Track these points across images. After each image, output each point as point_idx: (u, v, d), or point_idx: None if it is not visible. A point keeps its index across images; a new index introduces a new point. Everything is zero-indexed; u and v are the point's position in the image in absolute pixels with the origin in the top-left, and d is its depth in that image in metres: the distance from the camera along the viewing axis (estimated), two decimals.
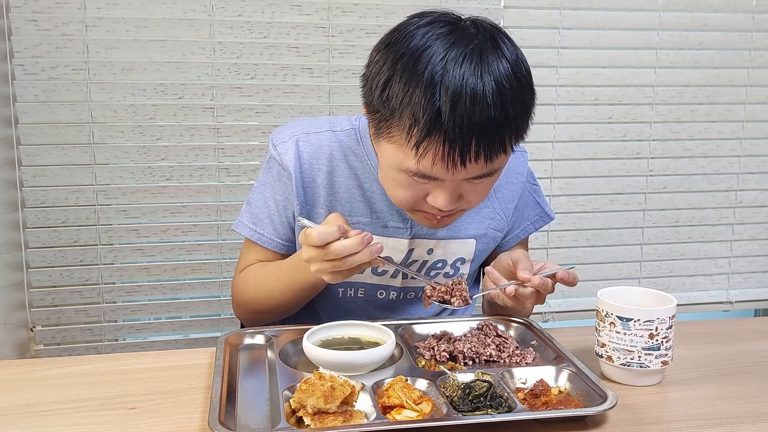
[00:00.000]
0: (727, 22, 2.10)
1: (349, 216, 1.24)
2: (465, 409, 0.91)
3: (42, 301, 1.84)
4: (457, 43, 0.99)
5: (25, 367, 1.11)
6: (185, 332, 1.95)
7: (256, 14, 1.84)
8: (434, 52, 0.98)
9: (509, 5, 1.97)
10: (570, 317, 2.13)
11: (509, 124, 1.00)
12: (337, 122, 1.27)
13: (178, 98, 1.83)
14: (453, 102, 0.96)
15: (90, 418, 0.92)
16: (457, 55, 0.97)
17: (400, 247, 1.25)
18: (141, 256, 1.89)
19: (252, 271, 1.29)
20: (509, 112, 0.99)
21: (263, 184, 1.28)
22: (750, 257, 2.27)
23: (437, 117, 0.96)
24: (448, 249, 1.28)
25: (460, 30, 1.01)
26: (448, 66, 0.97)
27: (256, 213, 1.28)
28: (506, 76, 0.99)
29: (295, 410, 0.89)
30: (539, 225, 1.37)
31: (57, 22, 1.74)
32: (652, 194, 2.16)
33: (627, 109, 2.10)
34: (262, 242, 1.28)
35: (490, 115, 0.97)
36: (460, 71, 0.96)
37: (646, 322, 1.00)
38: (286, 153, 1.23)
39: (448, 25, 1.02)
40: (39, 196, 1.80)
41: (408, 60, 0.99)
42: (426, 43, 0.99)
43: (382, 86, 1.02)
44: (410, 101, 0.98)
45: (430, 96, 0.96)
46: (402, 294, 1.30)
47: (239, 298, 1.30)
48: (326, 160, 1.23)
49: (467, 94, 0.96)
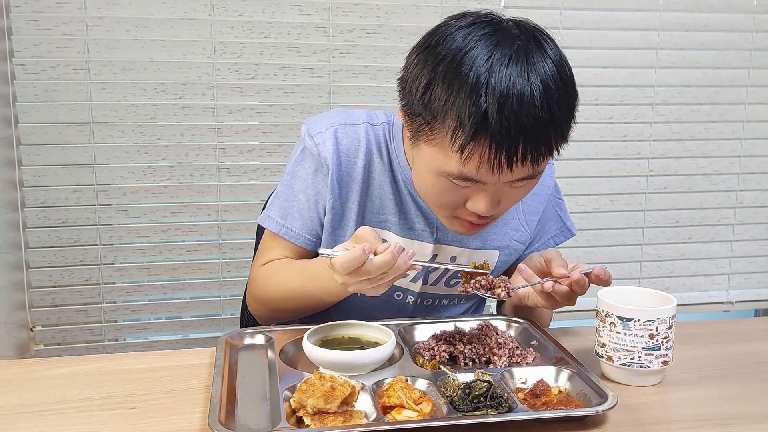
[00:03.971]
0: (728, 22, 2.10)
1: (377, 214, 1.21)
2: (465, 409, 0.91)
3: (42, 301, 1.84)
4: (501, 44, 0.97)
5: (25, 367, 1.11)
6: (185, 332, 1.95)
7: (256, 14, 1.84)
8: (478, 54, 0.96)
9: (509, 5, 1.97)
10: (570, 317, 2.13)
11: (555, 126, 0.99)
12: (374, 115, 1.24)
13: (178, 98, 1.83)
14: (500, 104, 0.94)
15: (90, 418, 0.92)
16: (502, 56, 0.96)
17: (425, 251, 1.22)
18: (141, 256, 1.89)
19: (275, 267, 1.23)
20: (555, 113, 0.98)
21: (293, 176, 1.22)
22: (750, 257, 2.27)
23: (484, 119, 0.95)
24: (471, 259, 1.25)
25: (503, 31, 0.99)
26: (494, 67, 0.95)
27: (285, 207, 1.23)
28: (552, 76, 0.98)
29: (295, 410, 0.89)
30: (560, 240, 1.33)
31: (57, 21, 1.74)
32: (653, 194, 2.16)
33: (627, 109, 2.10)
34: (289, 237, 1.22)
35: (537, 117, 0.96)
36: (507, 72, 0.95)
37: (646, 322, 1.00)
38: (324, 144, 1.18)
39: (490, 25, 1.00)
40: (39, 196, 1.80)
41: (450, 62, 0.97)
42: (469, 44, 0.97)
43: (423, 89, 0.99)
44: (454, 104, 0.96)
45: (476, 98, 0.95)
46: (419, 300, 1.27)
47: (259, 293, 1.25)
48: (363, 154, 1.19)
49: (514, 95, 0.95)
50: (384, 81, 1.92)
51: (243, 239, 1.92)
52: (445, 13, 1.92)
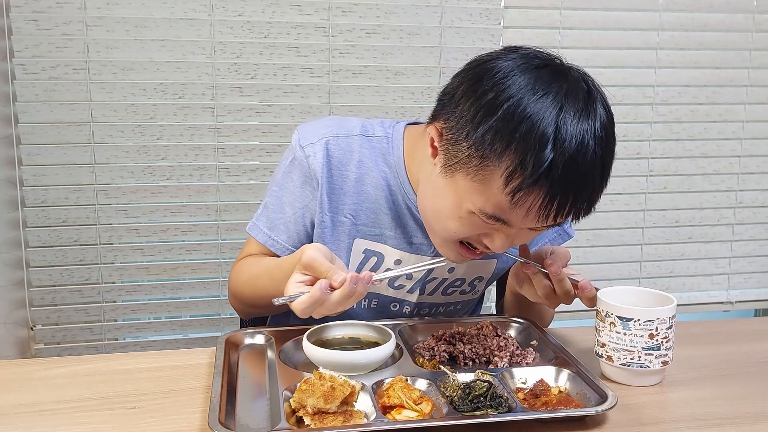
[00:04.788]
0: (728, 22, 2.10)
1: (372, 227, 1.19)
2: (465, 409, 0.91)
3: (42, 300, 1.85)
4: (572, 98, 0.96)
5: (25, 366, 1.11)
6: (185, 332, 1.95)
7: (256, 14, 1.84)
8: (551, 103, 0.95)
9: (509, 5, 1.97)
10: (570, 317, 2.13)
11: (602, 186, 1.00)
12: (369, 126, 1.21)
13: (178, 98, 1.83)
14: (568, 159, 0.94)
15: (90, 418, 0.92)
16: (575, 110, 0.95)
17: None
18: (141, 255, 1.89)
19: (247, 264, 1.23)
20: (605, 173, 0.99)
21: (281, 188, 1.21)
22: (750, 257, 2.27)
23: (548, 169, 0.94)
24: (469, 268, 1.24)
25: (571, 82, 0.98)
26: (567, 120, 0.94)
27: (273, 218, 1.22)
28: (610, 137, 0.99)
29: (295, 410, 0.89)
30: (558, 243, 1.31)
31: (57, 21, 1.74)
32: (653, 194, 2.16)
33: (627, 109, 2.10)
34: (275, 249, 1.22)
35: (594, 175, 0.97)
36: (579, 128, 0.95)
37: (646, 322, 1.00)
38: (314, 156, 1.16)
39: (558, 74, 0.98)
40: (39, 195, 1.80)
41: (517, 104, 0.95)
42: (539, 90, 0.95)
43: (480, 122, 0.97)
44: (518, 147, 0.94)
45: (544, 147, 0.93)
46: (416, 309, 1.27)
47: (233, 288, 1.26)
48: (355, 167, 1.17)
49: (582, 153, 0.94)
50: (384, 81, 1.92)
51: (242, 239, 1.91)
52: (445, 13, 1.93)
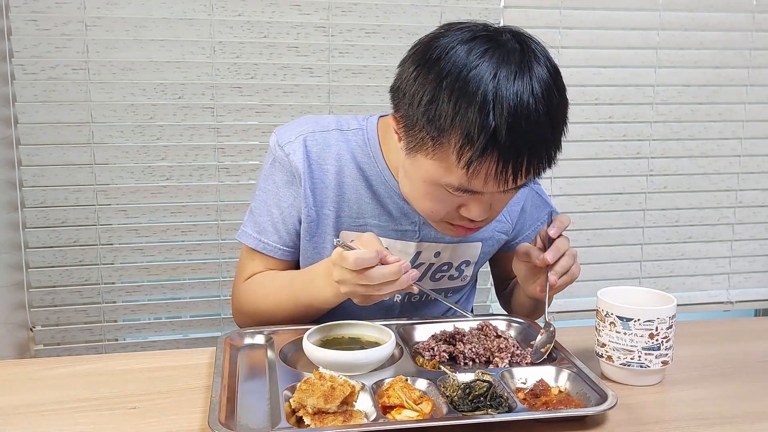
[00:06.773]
0: (728, 21, 2.10)
1: (357, 218, 1.22)
2: (465, 409, 0.91)
3: (42, 301, 1.84)
4: (505, 61, 0.97)
5: (25, 367, 1.11)
6: (185, 332, 1.95)
7: (256, 14, 1.84)
8: (484, 71, 0.96)
9: (509, 5, 1.97)
10: (570, 317, 2.13)
11: (555, 140, 1.01)
12: (344, 121, 1.25)
13: (178, 98, 1.83)
14: (509, 123, 0.95)
15: (90, 418, 0.92)
16: (508, 73, 0.96)
17: (408, 250, 1.24)
18: (141, 256, 1.88)
19: (260, 280, 1.25)
20: (556, 126, 1.00)
21: (265, 191, 1.24)
22: (750, 257, 2.27)
23: (493, 137, 0.95)
24: (455, 252, 1.27)
25: (504, 46, 0.99)
26: (501, 85, 0.95)
27: (260, 222, 1.24)
28: (552, 91, 0.99)
29: (295, 410, 0.89)
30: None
31: (57, 21, 1.74)
32: (653, 194, 2.16)
33: (627, 108, 2.09)
34: (267, 251, 1.24)
35: (543, 132, 0.98)
36: (513, 89, 0.95)
37: (646, 322, 1.00)
38: (294, 153, 1.20)
39: (491, 41, 0.99)
40: (39, 196, 1.80)
41: (455, 79, 0.96)
42: (473, 60, 0.97)
43: (426, 104, 0.99)
44: (461, 121, 0.96)
45: (485, 116, 0.95)
46: (406, 297, 1.29)
47: (245, 308, 1.26)
48: (334, 160, 1.21)
49: (523, 114, 0.95)
50: (383, 81, 1.92)
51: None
52: (445, 13, 1.93)
